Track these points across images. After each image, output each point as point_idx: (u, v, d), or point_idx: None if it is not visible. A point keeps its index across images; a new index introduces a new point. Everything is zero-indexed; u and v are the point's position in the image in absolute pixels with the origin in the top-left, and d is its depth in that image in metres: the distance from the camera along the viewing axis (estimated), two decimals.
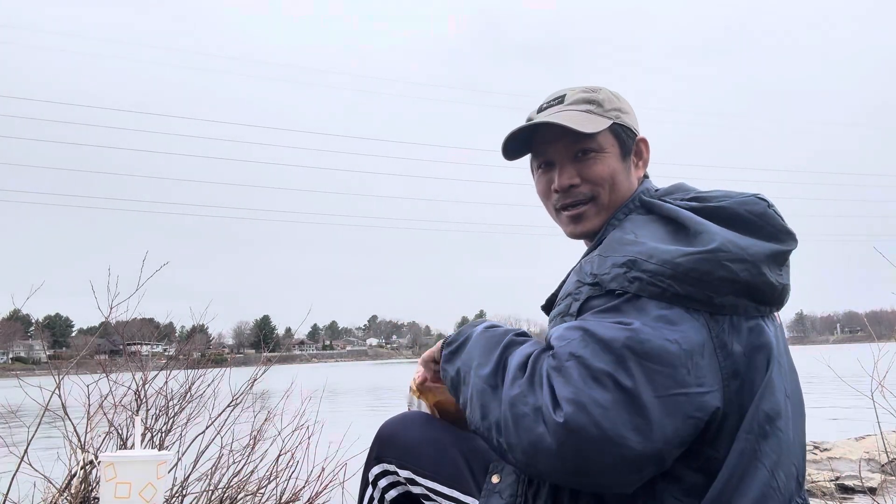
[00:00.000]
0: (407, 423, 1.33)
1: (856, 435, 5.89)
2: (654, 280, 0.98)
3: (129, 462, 1.35)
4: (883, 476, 4.12)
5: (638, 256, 1.01)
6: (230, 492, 2.87)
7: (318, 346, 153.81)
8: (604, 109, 1.26)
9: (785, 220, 1.09)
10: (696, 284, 0.98)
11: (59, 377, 2.68)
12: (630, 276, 1.00)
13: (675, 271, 0.98)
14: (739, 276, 0.99)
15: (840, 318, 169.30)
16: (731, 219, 1.05)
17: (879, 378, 2.57)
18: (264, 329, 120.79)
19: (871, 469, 4.53)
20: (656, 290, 0.98)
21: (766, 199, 1.09)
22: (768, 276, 1.02)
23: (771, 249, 1.03)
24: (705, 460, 0.99)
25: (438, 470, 1.23)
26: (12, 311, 2.90)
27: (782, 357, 1.08)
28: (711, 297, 0.99)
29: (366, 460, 1.36)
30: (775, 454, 1.00)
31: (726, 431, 0.99)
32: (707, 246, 0.99)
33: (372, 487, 1.33)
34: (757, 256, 1.01)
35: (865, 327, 3.67)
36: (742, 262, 0.99)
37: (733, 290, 1.00)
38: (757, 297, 1.03)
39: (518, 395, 0.99)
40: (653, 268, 0.99)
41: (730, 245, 1.00)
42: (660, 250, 1.01)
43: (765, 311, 1.06)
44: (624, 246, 1.05)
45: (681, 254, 0.99)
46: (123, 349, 3.32)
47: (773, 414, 1.01)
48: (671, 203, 1.13)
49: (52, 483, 2.58)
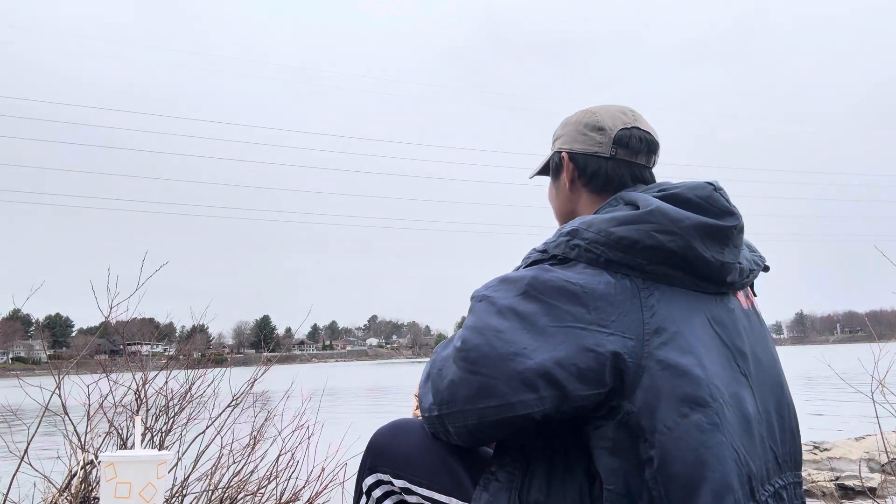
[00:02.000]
0: (401, 431, 1.31)
1: (856, 435, 5.89)
2: (590, 247, 1.09)
3: (129, 462, 1.35)
4: (883, 476, 4.12)
5: (580, 226, 1.12)
6: (230, 492, 2.87)
7: (318, 346, 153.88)
8: (552, 142, 1.44)
9: (730, 202, 1.15)
10: (627, 251, 1.07)
11: (59, 377, 2.68)
12: (571, 244, 1.11)
13: (608, 239, 1.08)
14: (666, 245, 1.06)
15: (840, 318, 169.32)
16: (681, 203, 1.12)
17: (879, 378, 2.57)
18: (264, 329, 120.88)
19: (871, 469, 4.53)
20: (592, 256, 1.08)
21: (714, 183, 1.16)
22: (699, 250, 1.07)
23: (701, 222, 1.08)
24: (624, 414, 1.03)
25: (435, 479, 1.21)
26: (12, 310, 2.90)
27: (737, 336, 1.12)
28: (642, 265, 1.07)
29: (359, 469, 1.34)
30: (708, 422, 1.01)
31: (643, 386, 1.02)
32: (642, 209, 1.08)
33: (366, 497, 1.31)
34: (686, 229, 1.07)
35: (865, 327, 3.68)
36: (670, 234, 1.06)
37: (663, 260, 1.07)
38: (692, 271, 1.09)
39: (439, 354, 1.17)
40: (590, 236, 1.10)
41: (660, 215, 1.07)
42: (598, 219, 1.11)
43: (706, 288, 1.11)
44: (578, 219, 1.15)
45: (615, 222, 1.09)
46: (123, 349, 3.32)
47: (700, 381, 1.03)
48: (618, 201, 1.22)
49: (52, 483, 2.59)
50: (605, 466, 1.04)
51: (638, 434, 1.02)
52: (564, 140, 1.39)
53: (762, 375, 1.15)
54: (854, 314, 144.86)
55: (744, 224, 1.16)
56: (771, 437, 1.12)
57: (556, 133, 1.43)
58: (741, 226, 1.14)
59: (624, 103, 1.42)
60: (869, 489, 3.83)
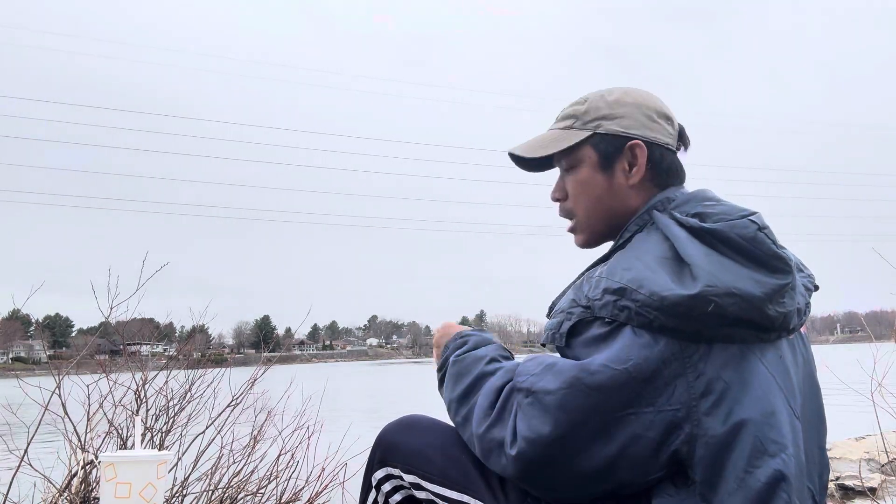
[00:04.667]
0: (411, 426, 1.31)
1: (856, 435, 5.89)
2: (642, 310, 1.00)
3: (130, 462, 1.35)
4: (883, 476, 4.12)
5: (629, 285, 1.03)
6: (230, 492, 2.87)
7: (318, 346, 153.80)
8: (583, 122, 1.25)
9: (777, 244, 1.06)
10: (684, 318, 0.99)
11: (59, 377, 2.68)
12: (620, 305, 1.03)
13: (662, 304, 0.99)
14: (728, 310, 0.99)
15: (840, 318, 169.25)
16: (723, 242, 1.04)
17: (879, 378, 2.58)
18: (264, 329, 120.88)
19: (871, 469, 4.53)
20: (644, 321, 1.01)
21: (758, 221, 1.06)
22: (763, 309, 1.01)
23: (761, 286, 1.01)
24: (691, 482, 1.02)
25: (446, 475, 1.20)
26: (12, 310, 2.90)
27: (786, 376, 1.07)
28: (699, 330, 1.00)
29: (367, 464, 1.33)
30: (778, 473, 1.00)
31: (702, 451, 1.00)
32: (691, 290, 0.99)
33: (375, 491, 1.30)
34: (744, 291, 1.00)
35: (865, 327, 3.67)
36: (730, 297, 0.99)
37: (723, 324, 1.00)
38: (754, 327, 1.03)
39: (484, 431, 1.12)
40: (641, 298, 1.01)
41: (716, 281, 0.99)
42: (650, 281, 1.02)
43: (768, 338, 1.06)
44: (622, 271, 1.06)
45: (668, 289, 1.00)
46: (123, 349, 3.32)
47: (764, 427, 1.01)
48: (677, 218, 1.11)
49: (52, 483, 2.59)
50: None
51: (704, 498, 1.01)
52: (630, 124, 1.22)
53: (807, 410, 1.12)
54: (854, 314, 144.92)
55: (794, 263, 1.08)
56: (810, 479, 1.09)
57: (597, 110, 1.24)
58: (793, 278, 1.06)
59: None
60: (869, 489, 3.83)
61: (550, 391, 1.04)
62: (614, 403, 1.01)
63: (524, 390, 1.08)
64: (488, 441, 1.10)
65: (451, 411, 1.24)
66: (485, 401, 1.14)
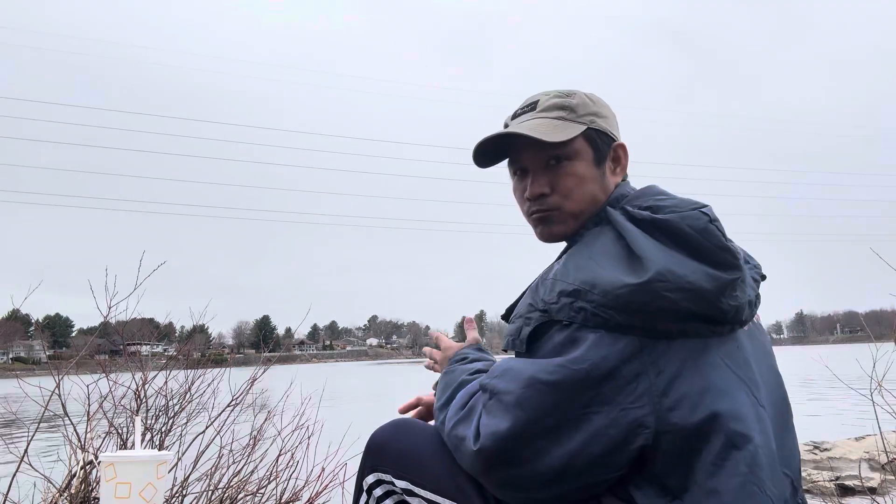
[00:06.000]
0: (402, 431, 1.30)
1: (856, 435, 5.89)
2: (598, 311, 1.02)
3: (129, 462, 1.35)
4: (883, 476, 4.12)
5: (582, 286, 1.05)
6: (230, 492, 2.87)
7: (318, 346, 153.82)
8: (577, 115, 1.25)
9: (726, 237, 1.07)
10: (637, 314, 1.01)
11: (58, 377, 2.68)
12: (576, 307, 1.05)
13: (617, 303, 1.01)
14: (680, 304, 1.00)
15: (840, 318, 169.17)
16: (673, 234, 1.05)
17: (878, 378, 2.57)
18: (264, 329, 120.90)
19: (872, 469, 4.53)
20: (600, 321, 1.02)
21: (709, 213, 1.08)
22: (714, 302, 1.02)
23: (713, 280, 1.02)
24: (655, 477, 1.03)
25: (439, 482, 1.19)
26: (12, 310, 2.90)
27: (747, 367, 1.08)
28: (654, 325, 1.01)
29: (359, 468, 1.32)
30: (746, 464, 1.00)
31: (668, 447, 1.01)
32: (642, 278, 1.00)
33: (367, 495, 1.30)
34: (696, 285, 1.01)
35: (865, 327, 3.67)
36: (682, 291, 1.00)
37: (676, 318, 1.01)
38: (707, 320, 1.04)
39: (451, 428, 1.16)
40: (596, 298, 1.03)
41: (667, 274, 1.00)
42: (602, 280, 1.04)
43: (721, 331, 1.06)
44: (575, 271, 1.08)
45: (620, 284, 1.01)
46: (123, 349, 3.32)
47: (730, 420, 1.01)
48: (629, 212, 1.13)
49: (52, 483, 2.59)
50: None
51: (673, 494, 1.02)
52: (612, 125, 1.30)
53: (771, 397, 1.12)
54: (854, 314, 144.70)
55: (742, 256, 1.09)
56: (784, 463, 1.09)
57: (587, 106, 1.27)
58: (743, 271, 1.07)
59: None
60: (869, 489, 3.83)
61: (509, 391, 1.07)
62: (573, 402, 1.02)
63: (488, 391, 1.11)
64: (455, 438, 1.14)
65: (435, 419, 1.28)
66: (458, 402, 1.19)
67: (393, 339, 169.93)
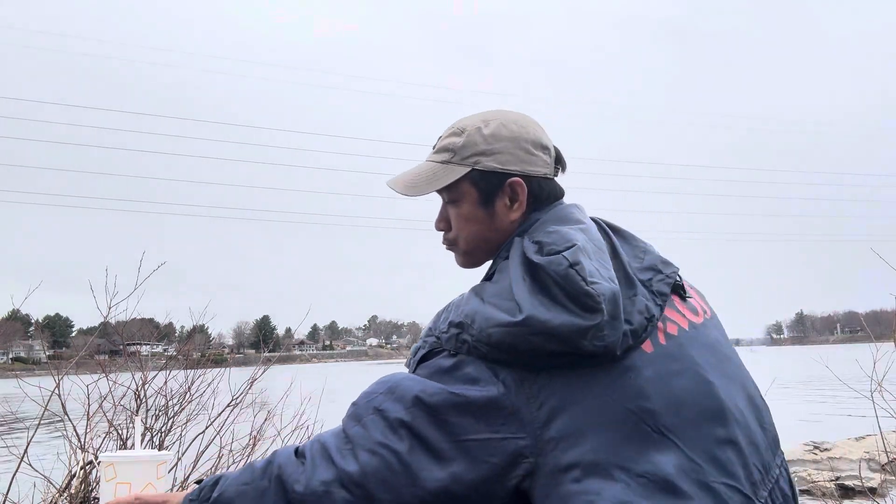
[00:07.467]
0: None
1: (856, 435, 5.89)
2: (477, 345, 1.05)
3: (129, 462, 1.34)
4: (883, 476, 4.11)
5: (465, 319, 1.08)
6: None
7: (318, 346, 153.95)
8: (461, 157, 1.21)
9: (587, 280, 1.03)
10: (510, 353, 1.03)
11: (58, 377, 2.68)
12: (461, 339, 1.08)
13: (490, 340, 1.04)
14: (546, 346, 1.01)
15: (840, 318, 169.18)
16: (541, 279, 1.06)
17: (878, 378, 2.57)
18: (264, 329, 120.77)
19: (872, 469, 4.53)
20: (480, 354, 1.05)
21: (570, 257, 1.04)
22: (577, 345, 1.00)
23: (571, 326, 1.00)
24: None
25: None
26: (12, 310, 2.91)
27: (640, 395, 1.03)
28: (531, 363, 1.03)
29: None
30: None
31: (545, 482, 1.02)
32: (515, 318, 1.02)
33: None
34: (557, 331, 1.00)
35: (865, 327, 3.67)
36: (545, 335, 1.01)
37: (548, 357, 1.02)
38: (580, 358, 1.02)
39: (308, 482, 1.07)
40: (475, 333, 1.06)
41: (532, 319, 1.01)
42: (480, 316, 1.06)
43: (602, 363, 1.03)
44: (465, 303, 1.11)
45: (494, 323, 1.04)
46: (123, 349, 3.32)
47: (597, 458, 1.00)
48: (523, 246, 1.12)
49: (52, 483, 2.59)
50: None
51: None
52: (507, 160, 1.20)
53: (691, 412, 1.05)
54: (854, 314, 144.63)
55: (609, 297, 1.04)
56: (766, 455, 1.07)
57: (475, 146, 1.21)
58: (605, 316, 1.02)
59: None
60: (869, 489, 3.83)
61: (392, 410, 1.07)
62: (454, 427, 1.04)
63: (366, 408, 1.09)
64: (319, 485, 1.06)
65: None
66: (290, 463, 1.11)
67: (393, 339, 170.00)
